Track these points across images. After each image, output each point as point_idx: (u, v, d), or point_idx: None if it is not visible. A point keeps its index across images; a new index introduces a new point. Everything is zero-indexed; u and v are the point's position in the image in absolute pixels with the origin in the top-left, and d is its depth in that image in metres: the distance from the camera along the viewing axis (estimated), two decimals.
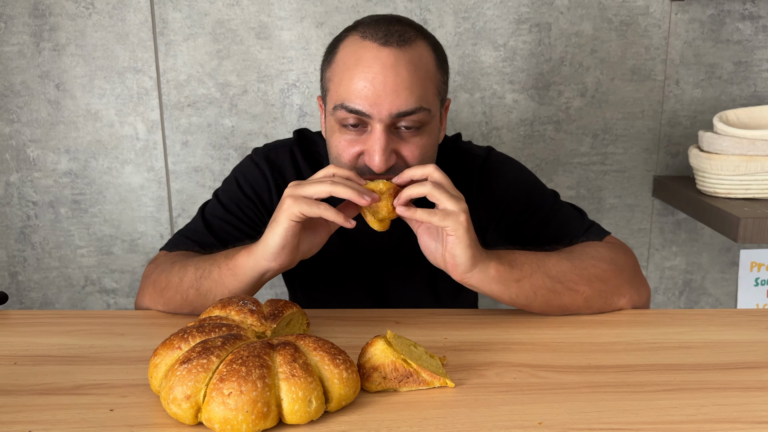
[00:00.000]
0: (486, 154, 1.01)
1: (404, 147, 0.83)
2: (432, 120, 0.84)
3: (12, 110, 1.47)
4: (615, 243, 0.92)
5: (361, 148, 0.83)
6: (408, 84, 0.79)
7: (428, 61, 0.83)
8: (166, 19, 1.43)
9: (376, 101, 0.79)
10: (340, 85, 0.82)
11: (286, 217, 0.74)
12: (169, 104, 1.47)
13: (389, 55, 0.79)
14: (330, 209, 0.74)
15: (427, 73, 0.82)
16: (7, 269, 1.56)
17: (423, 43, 0.83)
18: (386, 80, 0.79)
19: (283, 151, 1.01)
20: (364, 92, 0.79)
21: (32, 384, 0.65)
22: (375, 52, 0.79)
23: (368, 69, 0.79)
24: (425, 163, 0.84)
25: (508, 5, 1.43)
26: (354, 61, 0.80)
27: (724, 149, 1.28)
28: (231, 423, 0.54)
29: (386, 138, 0.80)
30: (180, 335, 0.63)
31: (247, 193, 0.98)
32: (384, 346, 0.64)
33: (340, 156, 0.85)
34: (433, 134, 0.86)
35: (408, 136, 0.83)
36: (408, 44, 0.80)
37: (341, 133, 0.84)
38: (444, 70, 0.87)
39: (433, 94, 0.84)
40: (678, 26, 1.45)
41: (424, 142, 0.84)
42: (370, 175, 0.82)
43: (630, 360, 0.71)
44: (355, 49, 0.81)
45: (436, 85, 0.84)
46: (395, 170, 0.83)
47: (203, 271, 0.82)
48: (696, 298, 1.62)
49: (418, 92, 0.80)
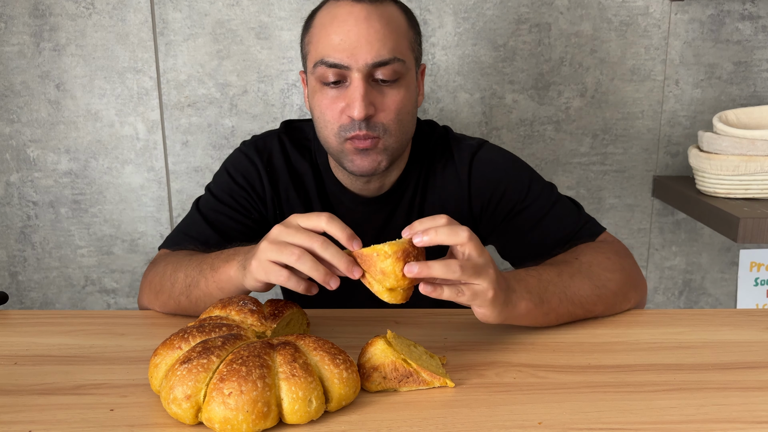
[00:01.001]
0: (479, 145, 1.01)
1: (382, 100, 0.87)
2: (408, 73, 0.88)
3: (12, 110, 1.47)
4: (613, 242, 0.92)
5: (343, 102, 0.86)
6: (381, 36, 0.84)
7: (400, 19, 0.88)
8: (166, 19, 1.43)
9: (352, 52, 0.84)
10: (318, 44, 0.87)
11: (254, 279, 0.71)
12: (169, 104, 1.47)
13: (362, 10, 0.84)
14: (292, 280, 0.68)
15: (399, 28, 0.87)
16: (7, 269, 1.56)
17: (393, 5, 0.89)
18: (360, 31, 0.84)
19: (271, 139, 1.02)
20: (342, 45, 0.84)
21: (32, 384, 0.65)
22: (349, 8, 0.85)
23: (343, 23, 0.84)
24: (402, 117, 0.88)
25: (508, 5, 1.43)
26: (329, 19, 0.86)
27: (723, 149, 1.28)
28: (231, 423, 0.55)
29: (365, 87, 0.84)
30: (180, 335, 0.63)
31: (239, 183, 0.98)
32: (384, 346, 0.64)
33: (323, 115, 0.88)
34: (411, 89, 0.90)
35: (386, 88, 0.87)
36: (379, 1, 0.86)
37: (322, 93, 0.88)
38: (416, 32, 0.92)
39: (406, 48, 0.88)
40: (678, 26, 1.45)
41: (401, 96, 0.88)
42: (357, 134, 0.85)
43: (630, 360, 0.71)
44: (330, 9, 0.87)
45: (408, 41, 0.89)
46: (373, 125, 0.86)
47: (192, 279, 0.82)
48: (696, 298, 1.62)
49: (391, 44, 0.85)
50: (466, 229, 0.66)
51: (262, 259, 0.69)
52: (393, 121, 0.87)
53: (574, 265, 0.83)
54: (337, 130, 0.87)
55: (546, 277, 0.78)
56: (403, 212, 0.99)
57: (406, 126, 0.90)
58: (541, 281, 0.77)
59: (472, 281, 0.66)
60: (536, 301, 0.75)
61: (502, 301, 0.69)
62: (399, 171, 0.98)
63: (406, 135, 0.91)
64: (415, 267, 0.62)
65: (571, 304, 0.79)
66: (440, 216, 0.67)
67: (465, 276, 0.64)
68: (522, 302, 0.73)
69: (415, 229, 0.65)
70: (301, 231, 0.67)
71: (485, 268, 0.66)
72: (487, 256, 0.68)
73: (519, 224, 0.96)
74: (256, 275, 0.70)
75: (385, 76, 0.85)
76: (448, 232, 0.65)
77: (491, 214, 0.98)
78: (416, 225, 0.66)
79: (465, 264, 0.64)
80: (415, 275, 0.63)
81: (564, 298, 0.78)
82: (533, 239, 0.94)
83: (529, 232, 0.95)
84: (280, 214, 0.99)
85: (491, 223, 0.99)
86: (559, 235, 0.93)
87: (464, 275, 0.64)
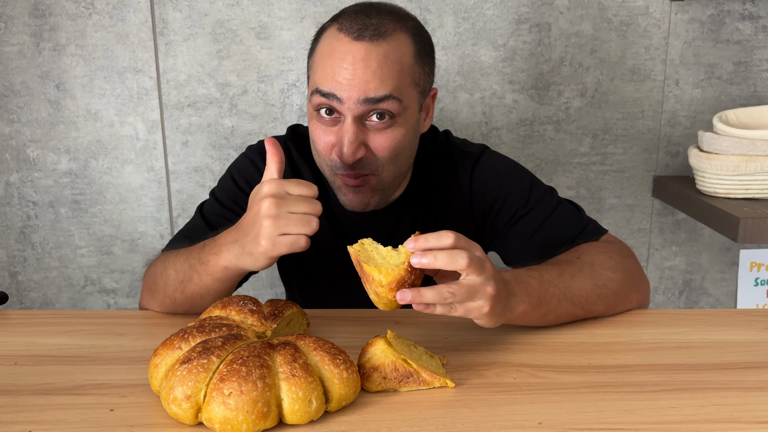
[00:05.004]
0: (480, 151, 1.01)
1: (374, 139, 0.84)
2: (405, 112, 0.85)
3: (12, 110, 1.47)
4: (616, 242, 0.92)
5: (334, 138, 0.85)
6: (379, 75, 0.81)
7: (404, 54, 0.84)
8: (166, 19, 1.43)
9: (346, 86, 0.81)
10: (316, 73, 0.85)
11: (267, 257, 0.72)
12: (169, 104, 1.47)
13: (360, 50, 0.81)
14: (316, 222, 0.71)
15: (401, 66, 0.83)
16: (7, 269, 1.56)
17: (402, 35, 0.84)
18: (356, 71, 0.81)
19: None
20: (336, 78, 0.82)
21: (32, 384, 0.65)
22: (347, 46, 0.82)
23: (341, 60, 0.82)
24: (397, 154, 0.86)
25: (508, 5, 1.43)
26: (329, 52, 0.84)
27: (723, 149, 1.28)
28: (231, 423, 0.55)
29: (355, 129, 0.82)
30: (180, 335, 0.63)
31: (243, 189, 0.98)
32: (384, 346, 0.64)
33: (315, 143, 0.88)
34: (408, 126, 0.87)
35: (379, 129, 0.84)
36: (382, 38, 0.82)
37: (318, 121, 0.86)
38: (425, 62, 0.88)
39: (407, 85, 0.85)
40: (678, 26, 1.45)
41: (396, 135, 0.85)
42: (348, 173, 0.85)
43: (630, 360, 0.71)
44: (331, 41, 0.84)
45: (412, 77, 0.85)
46: (364, 163, 0.85)
47: (183, 275, 0.82)
48: (696, 298, 1.62)
49: (390, 83, 0.82)
50: (465, 255, 0.63)
51: (272, 236, 0.70)
52: (387, 159, 0.86)
53: (576, 265, 0.83)
54: (329, 163, 0.87)
55: (547, 278, 0.78)
56: (407, 224, 0.99)
57: (402, 161, 0.89)
58: (542, 282, 0.77)
59: (467, 303, 0.65)
60: (535, 304, 0.75)
61: (499, 311, 0.69)
62: (404, 183, 0.97)
63: (402, 169, 0.90)
64: (407, 294, 0.62)
65: (571, 304, 0.79)
66: (447, 235, 0.64)
67: (458, 300, 0.64)
68: (520, 305, 0.73)
69: (419, 245, 0.64)
70: (299, 198, 0.71)
71: (483, 286, 0.65)
72: (487, 272, 0.66)
73: (521, 230, 0.96)
74: (270, 253, 0.71)
75: (380, 115, 0.83)
76: (447, 258, 0.63)
77: (493, 221, 0.98)
78: (421, 241, 0.64)
79: (458, 290, 0.63)
80: (408, 302, 0.63)
81: (564, 299, 0.78)
82: (535, 244, 0.94)
83: (531, 238, 0.95)
84: None
85: (493, 229, 0.99)
86: (561, 239, 0.92)
87: (457, 299, 0.64)
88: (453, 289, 0.63)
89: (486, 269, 0.66)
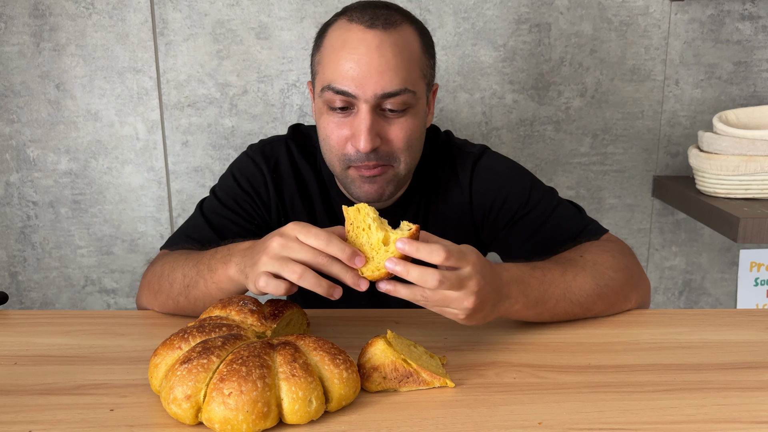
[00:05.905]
0: (480, 152, 1.01)
1: (389, 129, 0.85)
2: (417, 103, 0.86)
3: (12, 110, 1.47)
4: (617, 242, 0.92)
5: (348, 131, 0.85)
6: (393, 65, 0.82)
7: (413, 45, 0.85)
8: (166, 19, 1.43)
9: (361, 82, 0.81)
10: (327, 68, 0.84)
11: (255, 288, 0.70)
12: (169, 104, 1.47)
13: (374, 37, 0.81)
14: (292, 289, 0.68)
15: (411, 56, 0.84)
16: (7, 269, 1.56)
17: (409, 27, 0.86)
18: (371, 61, 0.81)
19: (279, 145, 1.01)
20: (350, 73, 0.81)
21: (32, 384, 0.65)
22: (361, 35, 0.82)
23: (354, 50, 0.81)
24: (411, 144, 0.87)
25: (508, 5, 1.43)
26: (341, 43, 0.83)
27: (723, 149, 1.28)
28: (231, 423, 0.55)
29: (371, 119, 0.83)
30: (180, 335, 0.63)
31: (244, 188, 0.98)
32: (384, 346, 0.64)
33: (328, 138, 0.87)
34: (419, 117, 0.88)
35: (393, 119, 0.85)
36: (393, 27, 0.83)
37: (329, 116, 0.86)
38: (430, 55, 0.89)
39: (418, 76, 0.86)
40: (678, 26, 1.45)
41: (410, 125, 0.86)
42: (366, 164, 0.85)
43: (630, 360, 0.71)
44: (342, 32, 0.84)
45: (421, 68, 0.86)
46: (380, 153, 0.85)
47: (190, 280, 0.81)
48: (696, 298, 1.62)
49: (402, 74, 0.82)
50: (436, 276, 0.62)
51: (262, 273, 0.67)
52: (401, 149, 0.87)
53: (579, 263, 0.83)
54: (342, 157, 0.87)
55: (549, 277, 0.78)
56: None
57: (415, 152, 0.90)
58: (543, 283, 0.77)
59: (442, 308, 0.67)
60: (531, 305, 0.75)
61: (480, 318, 0.69)
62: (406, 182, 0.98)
63: (415, 160, 0.91)
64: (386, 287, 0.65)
65: (569, 303, 0.79)
66: (438, 252, 0.63)
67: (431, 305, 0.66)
68: (514, 306, 0.74)
69: (407, 251, 0.63)
70: (303, 247, 0.66)
71: (458, 300, 0.65)
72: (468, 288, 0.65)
73: (521, 230, 0.96)
74: (258, 286, 0.69)
75: (394, 107, 0.84)
76: (418, 275, 0.62)
77: (493, 222, 0.99)
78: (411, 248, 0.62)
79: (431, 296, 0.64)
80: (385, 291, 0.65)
81: (563, 299, 0.78)
82: (536, 245, 0.94)
83: (531, 238, 0.95)
84: (285, 221, 0.99)
85: (493, 230, 0.99)
86: (561, 239, 0.93)
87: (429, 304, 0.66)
88: (426, 294, 0.64)
89: (466, 287, 0.65)
